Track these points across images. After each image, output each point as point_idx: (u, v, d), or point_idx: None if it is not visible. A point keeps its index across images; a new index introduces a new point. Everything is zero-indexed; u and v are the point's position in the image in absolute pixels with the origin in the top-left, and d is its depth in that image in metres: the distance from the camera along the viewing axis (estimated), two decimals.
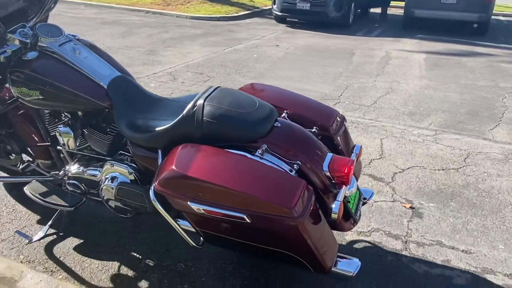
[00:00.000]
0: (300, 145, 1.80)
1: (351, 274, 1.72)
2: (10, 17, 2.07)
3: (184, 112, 1.82)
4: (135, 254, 2.19)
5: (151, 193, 1.75)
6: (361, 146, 2.00)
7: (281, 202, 1.52)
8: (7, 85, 2.29)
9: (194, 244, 1.83)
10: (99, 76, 2.04)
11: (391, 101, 4.66)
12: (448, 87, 5.32)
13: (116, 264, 2.11)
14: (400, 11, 12.00)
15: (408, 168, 3.17)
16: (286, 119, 1.97)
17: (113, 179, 2.06)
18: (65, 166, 2.29)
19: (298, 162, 1.74)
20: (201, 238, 1.85)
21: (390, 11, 11.91)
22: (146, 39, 7.44)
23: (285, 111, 2.02)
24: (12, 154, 2.65)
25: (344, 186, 1.77)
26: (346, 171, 1.76)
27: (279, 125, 1.84)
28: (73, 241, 2.26)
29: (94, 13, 10.00)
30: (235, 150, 1.74)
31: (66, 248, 2.20)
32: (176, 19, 9.92)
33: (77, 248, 2.20)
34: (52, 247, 2.21)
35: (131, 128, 1.97)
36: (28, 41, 2.06)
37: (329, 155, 1.82)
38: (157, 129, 1.88)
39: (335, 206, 1.67)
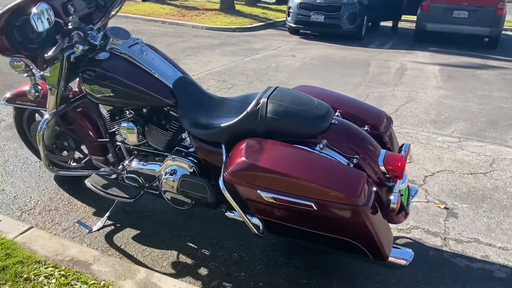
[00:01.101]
0: (357, 142, 1.94)
1: (405, 263, 1.84)
2: (81, 21, 2.22)
3: (249, 109, 1.96)
4: (190, 244, 2.31)
5: (220, 182, 1.88)
6: (409, 145, 2.14)
7: (348, 191, 1.65)
8: (70, 84, 2.45)
9: (256, 232, 1.96)
10: (165, 76, 2.19)
11: (413, 109, 4.81)
12: (466, 97, 5.47)
13: (174, 252, 2.23)
14: (410, 25, 12.26)
15: (438, 171, 3.29)
16: (340, 117, 2.11)
17: (173, 172, 2.20)
18: (123, 161, 2.43)
19: (356, 156, 1.87)
20: (261, 227, 1.98)
21: (400, 24, 12.12)
22: (166, 48, 7.62)
23: (338, 110, 2.16)
24: (65, 151, 2.81)
25: (398, 180, 1.90)
26: (400, 166, 1.89)
27: (336, 122, 1.98)
28: (130, 232, 2.38)
29: (112, 23, 10.22)
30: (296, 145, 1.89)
31: (125, 238, 2.33)
32: (192, 30, 10.15)
33: (135, 238, 2.33)
34: (111, 237, 2.33)
35: (195, 124, 2.11)
36: (97, 43, 2.21)
37: (383, 151, 1.96)
38: (221, 125, 2.02)
39: (394, 198, 1.80)
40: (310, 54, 7.89)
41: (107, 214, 2.41)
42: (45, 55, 2.03)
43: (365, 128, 2.09)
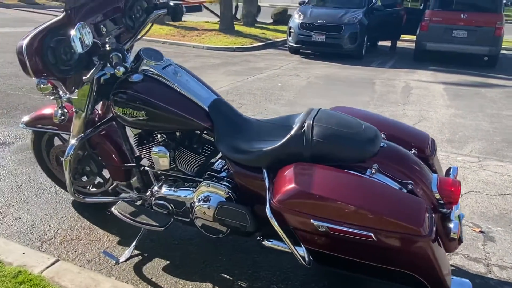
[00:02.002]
0: (409, 166, 1.85)
1: None
2: None
3: (292, 132, 1.87)
4: (224, 275, 2.18)
5: (267, 211, 1.77)
6: (457, 168, 2.05)
7: (411, 220, 1.56)
8: (97, 106, 2.35)
9: (303, 263, 1.84)
10: (200, 98, 2.10)
11: (426, 128, 4.76)
12: (476, 116, 5.45)
13: (209, 285, 2.10)
14: (407, 44, 12.39)
15: (466, 193, 3.21)
16: (386, 140, 2.03)
17: (208, 199, 2.08)
18: (151, 187, 2.31)
19: (410, 182, 1.78)
20: (307, 258, 1.86)
21: (398, 44, 12.23)
22: None
23: (382, 133, 2.08)
24: (84, 177, 2.67)
25: (453, 206, 1.81)
26: (455, 191, 1.81)
27: (385, 145, 1.89)
28: (160, 262, 2.25)
29: None
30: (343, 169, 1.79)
31: (155, 269, 2.19)
32: (193, 50, 10.13)
33: (166, 269, 2.19)
34: (141, 268, 2.19)
35: (233, 148, 2.01)
36: (127, 65, 2.12)
37: (435, 176, 1.87)
38: (263, 149, 1.92)
39: (454, 226, 1.71)
40: (314, 73, 7.88)
41: (134, 243, 2.28)
42: (83, 77, 1.94)
43: (412, 151, 2.01)
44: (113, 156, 2.45)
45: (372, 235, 1.58)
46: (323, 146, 1.82)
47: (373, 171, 1.76)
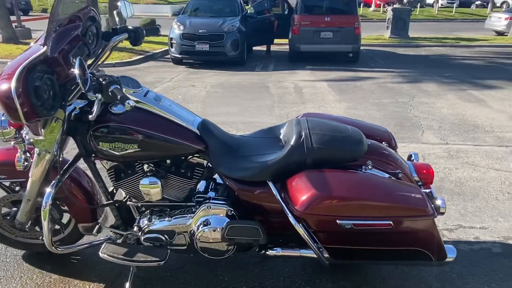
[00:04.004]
0: (392, 158, 2.12)
1: (453, 259, 2.05)
2: None
3: (293, 142, 1.98)
4: None
5: (292, 219, 1.86)
6: (417, 154, 2.40)
7: (421, 205, 1.82)
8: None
9: (323, 261, 1.96)
10: (188, 121, 2.07)
11: None
12: (365, 106, 6.22)
13: None
14: (278, 47, 13.28)
15: None
16: None
17: (211, 222, 2.07)
18: (138, 221, 2.18)
19: (399, 171, 2.04)
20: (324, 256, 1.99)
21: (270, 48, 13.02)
22: None
23: None
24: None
25: (430, 185, 2.14)
26: (430, 173, 2.14)
27: (370, 143, 2.12)
28: None
29: None
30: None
31: None
32: None
33: None
34: None
35: (234, 167, 2.03)
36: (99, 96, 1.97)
37: (409, 163, 2.18)
38: (267, 163, 1.99)
39: (442, 202, 1.99)
40: (208, 82, 7.98)
41: (127, 285, 2.12)
42: (89, 116, 1.74)
43: (385, 145, 2.28)
44: (80, 196, 2.23)
45: (391, 222, 1.80)
46: (323, 152, 1.97)
47: (370, 167, 1.98)
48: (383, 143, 2.30)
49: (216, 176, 2.30)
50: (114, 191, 2.26)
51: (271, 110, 5.93)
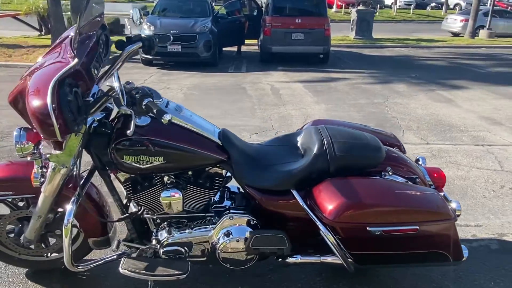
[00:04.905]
0: (408, 163, 2.19)
1: (465, 258, 2.15)
2: None
3: (316, 151, 2.01)
4: None
5: (321, 227, 1.88)
6: (424, 157, 2.49)
7: (443, 209, 1.89)
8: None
9: (352, 268, 1.99)
10: (209, 132, 2.04)
11: None
12: (343, 107, 6.35)
13: None
14: (247, 48, 13.28)
15: None
16: None
17: (233, 232, 2.06)
18: (156, 234, 2.13)
19: (416, 177, 2.11)
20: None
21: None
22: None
23: None
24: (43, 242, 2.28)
25: (442, 188, 2.22)
26: (442, 177, 2.23)
27: (386, 149, 2.18)
28: None
29: None
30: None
31: None
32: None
33: None
34: None
35: (257, 176, 2.03)
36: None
37: (422, 168, 2.26)
38: (292, 171, 2.00)
39: (457, 205, 2.07)
40: (183, 84, 7.87)
41: None
42: (128, 131, 1.68)
43: (397, 150, 2.35)
44: (92, 210, 2.16)
45: (417, 227, 1.86)
46: (346, 159, 2.00)
47: (390, 173, 2.04)
48: (394, 148, 2.36)
49: (229, 185, 2.29)
50: (128, 204, 2.20)
51: (253, 113, 5.94)
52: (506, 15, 18.29)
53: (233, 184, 2.24)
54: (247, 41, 12.28)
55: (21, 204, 2.21)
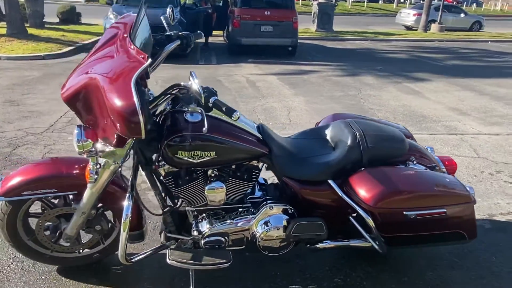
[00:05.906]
0: (426, 153, 2.40)
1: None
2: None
3: (350, 143, 2.17)
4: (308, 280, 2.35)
5: (363, 213, 2.04)
6: (432, 147, 2.72)
7: (466, 193, 2.12)
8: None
9: (384, 250, 2.18)
10: (250, 127, 2.13)
11: (301, 116, 5.55)
12: (322, 100, 6.58)
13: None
14: (213, 39, 13.22)
15: None
16: None
17: (273, 221, 2.18)
18: (197, 226, 2.20)
19: (435, 165, 2.33)
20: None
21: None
22: None
23: None
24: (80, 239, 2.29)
25: (454, 175, 2.46)
26: (454, 164, 2.46)
27: (408, 140, 2.38)
28: None
29: None
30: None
31: None
32: None
33: None
34: None
35: (296, 168, 2.16)
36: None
37: (435, 157, 2.48)
38: (329, 163, 2.15)
39: (471, 190, 2.31)
40: (157, 77, 7.75)
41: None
42: (203, 129, 1.73)
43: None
44: (137, 205, 2.20)
45: (445, 210, 2.07)
46: (377, 150, 2.18)
47: (415, 162, 2.24)
48: (409, 139, 2.57)
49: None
50: (166, 198, 2.25)
51: (237, 106, 6.00)
52: (453, 9, 19.45)
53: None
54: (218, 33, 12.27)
55: (55, 201, 2.19)
